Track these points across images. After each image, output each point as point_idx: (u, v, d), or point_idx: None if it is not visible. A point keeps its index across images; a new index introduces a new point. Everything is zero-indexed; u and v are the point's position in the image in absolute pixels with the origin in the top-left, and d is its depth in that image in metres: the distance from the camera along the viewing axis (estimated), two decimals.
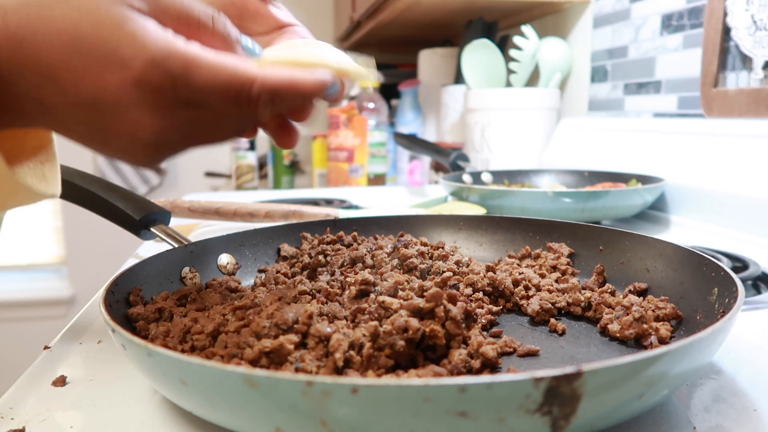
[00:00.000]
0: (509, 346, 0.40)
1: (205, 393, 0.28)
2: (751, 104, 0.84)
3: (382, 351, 0.33)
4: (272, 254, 0.58)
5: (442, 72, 1.71)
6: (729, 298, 0.37)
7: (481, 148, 1.30)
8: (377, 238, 0.58)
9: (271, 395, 0.25)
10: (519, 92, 1.25)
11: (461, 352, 0.35)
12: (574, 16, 1.32)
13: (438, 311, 0.35)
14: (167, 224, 0.55)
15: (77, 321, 0.50)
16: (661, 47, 1.06)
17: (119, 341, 0.32)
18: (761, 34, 0.83)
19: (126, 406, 0.35)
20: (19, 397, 0.36)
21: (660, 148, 0.95)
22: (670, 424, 0.32)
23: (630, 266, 0.50)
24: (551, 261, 0.53)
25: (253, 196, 1.22)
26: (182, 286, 0.49)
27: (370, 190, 1.36)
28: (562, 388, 0.24)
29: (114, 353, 0.43)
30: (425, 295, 0.36)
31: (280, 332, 0.35)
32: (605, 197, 0.79)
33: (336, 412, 0.25)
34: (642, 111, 1.12)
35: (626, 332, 0.40)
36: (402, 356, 0.34)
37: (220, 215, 0.78)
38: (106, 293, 0.39)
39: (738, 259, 0.63)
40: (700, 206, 0.84)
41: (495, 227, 0.60)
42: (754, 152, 0.78)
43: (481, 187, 0.86)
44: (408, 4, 1.34)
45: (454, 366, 0.34)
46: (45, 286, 2.48)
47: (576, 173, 1.05)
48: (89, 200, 0.56)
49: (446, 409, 0.24)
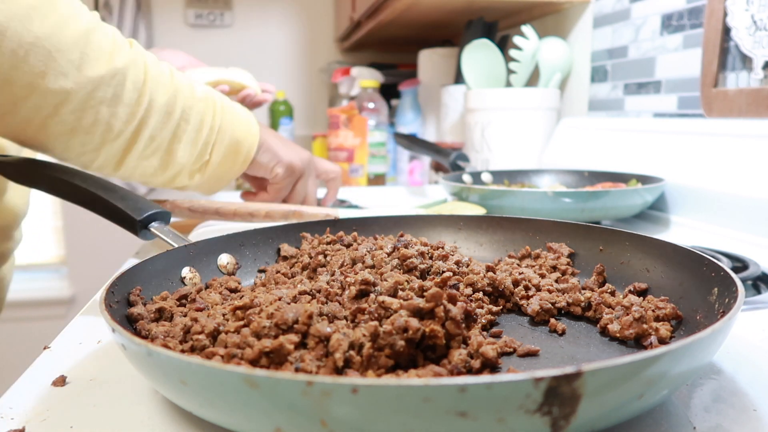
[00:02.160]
0: (509, 346, 0.40)
1: (205, 393, 0.28)
2: (751, 104, 0.84)
3: (382, 351, 0.33)
4: (272, 254, 0.58)
5: (442, 72, 1.71)
6: (729, 298, 0.37)
7: (481, 148, 1.30)
8: (377, 238, 0.58)
9: (271, 395, 0.25)
10: (519, 92, 1.25)
11: (461, 352, 0.35)
12: (574, 16, 1.32)
13: (438, 311, 0.35)
14: (167, 224, 0.55)
15: (77, 321, 0.50)
16: (661, 47, 1.06)
17: (119, 341, 0.32)
18: (761, 34, 0.83)
19: (126, 406, 0.35)
20: (19, 397, 0.36)
21: (660, 148, 0.95)
22: (670, 424, 0.32)
23: (630, 266, 0.50)
24: (551, 261, 0.53)
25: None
26: (182, 286, 0.49)
27: (370, 190, 1.36)
28: (562, 388, 0.24)
29: (114, 353, 0.43)
30: (425, 295, 0.36)
31: (280, 332, 0.35)
32: (605, 197, 0.79)
33: (336, 412, 0.25)
34: (642, 111, 1.12)
35: (626, 332, 0.40)
36: (402, 356, 0.34)
37: (220, 215, 0.78)
38: (106, 293, 0.39)
39: (738, 259, 0.63)
40: (700, 206, 0.84)
41: (495, 227, 0.60)
42: (754, 152, 0.78)
43: (481, 187, 0.86)
44: (408, 4, 1.34)
45: (454, 366, 0.34)
46: (45, 286, 2.48)
47: (576, 173, 1.05)
48: (89, 200, 0.56)
49: (446, 409, 0.24)
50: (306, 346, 0.34)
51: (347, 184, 1.50)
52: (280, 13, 2.27)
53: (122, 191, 0.56)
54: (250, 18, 2.26)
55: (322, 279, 0.48)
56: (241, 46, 2.24)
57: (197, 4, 2.20)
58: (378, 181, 1.54)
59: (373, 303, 0.40)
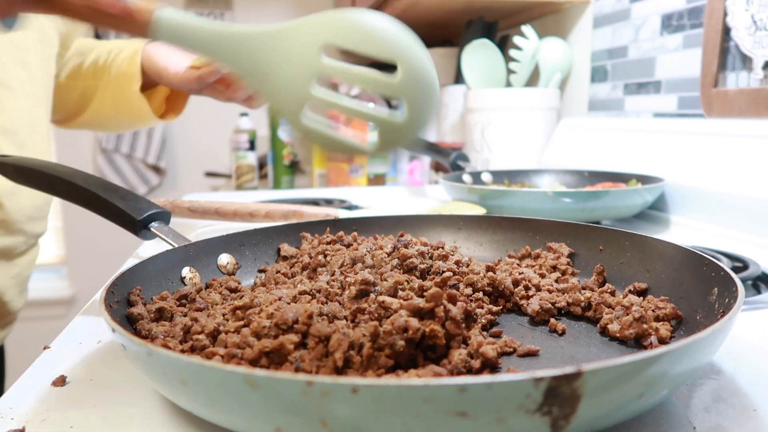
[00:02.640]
0: (509, 346, 0.40)
1: (205, 393, 0.28)
2: (751, 104, 0.84)
3: (382, 351, 0.33)
4: (272, 254, 0.58)
5: (442, 72, 1.71)
6: (729, 298, 0.37)
7: (481, 148, 1.30)
8: (377, 238, 0.58)
9: (271, 395, 0.25)
10: (519, 92, 1.25)
11: (461, 352, 0.35)
12: (574, 16, 1.32)
13: (438, 311, 0.35)
14: (167, 224, 0.55)
15: (77, 321, 0.50)
16: (661, 47, 1.06)
17: (119, 341, 0.32)
18: (761, 34, 0.83)
19: (126, 406, 0.35)
20: (19, 397, 0.36)
21: (660, 148, 0.95)
22: (670, 424, 0.32)
23: (630, 266, 0.50)
24: (551, 261, 0.53)
25: (253, 196, 1.22)
26: (182, 286, 0.49)
27: (370, 190, 1.36)
28: (562, 388, 0.24)
29: (114, 353, 0.43)
30: (425, 296, 0.36)
31: (280, 332, 0.35)
32: (605, 197, 0.79)
33: (336, 412, 0.25)
34: (642, 111, 1.12)
35: (626, 332, 0.40)
36: (402, 356, 0.34)
37: (220, 215, 0.78)
38: (106, 293, 0.39)
39: (738, 259, 0.63)
40: (700, 206, 0.84)
41: (495, 227, 0.60)
42: (754, 152, 0.78)
43: (481, 187, 0.86)
44: (408, 4, 1.34)
45: (454, 366, 0.34)
46: (45, 286, 2.48)
47: (576, 173, 1.05)
48: (89, 200, 0.56)
49: (446, 409, 0.24)
50: (306, 346, 0.34)
51: (347, 184, 1.50)
52: (280, 12, 2.27)
53: (122, 191, 0.56)
54: (250, 18, 2.26)
55: (322, 279, 0.49)
56: None
57: (197, 4, 2.20)
58: (378, 181, 1.53)
59: (373, 303, 0.40)
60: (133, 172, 2.37)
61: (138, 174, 2.37)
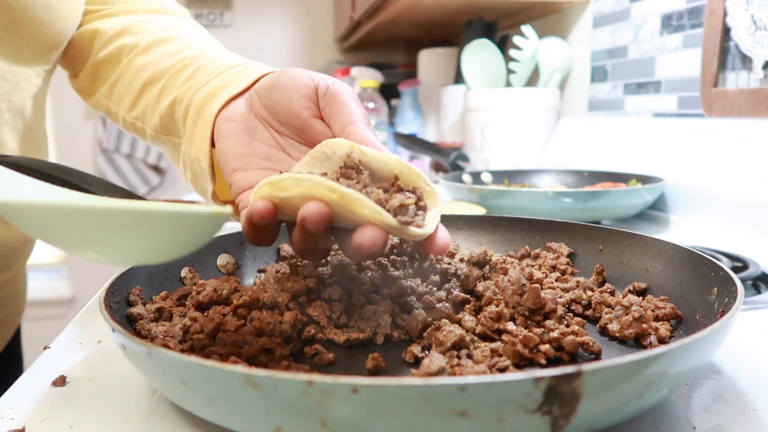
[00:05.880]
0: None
1: (205, 393, 0.28)
2: (750, 104, 0.85)
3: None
4: (272, 254, 0.58)
5: (442, 72, 1.71)
6: (728, 298, 0.37)
7: (481, 148, 1.30)
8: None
9: (271, 395, 0.25)
10: (519, 92, 1.25)
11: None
12: (574, 16, 1.32)
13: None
14: None
15: (77, 321, 0.50)
16: (661, 47, 1.06)
17: (119, 341, 0.32)
18: (761, 34, 0.83)
19: (126, 406, 0.35)
20: (19, 397, 0.36)
21: (660, 148, 0.95)
22: (669, 424, 0.32)
23: (629, 266, 0.50)
24: (551, 261, 0.53)
25: None
26: (182, 286, 0.49)
27: None
28: (562, 387, 0.24)
29: (114, 353, 0.43)
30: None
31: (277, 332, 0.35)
32: (605, 197, 0.79)
33: (336, 412, 0.25)
34: (642, 111, 1.12)
35: (626, 332, 0.40)
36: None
37: None
38: (106, 293, 0.39)
39: (738, 259, 0.63)
40: (700, 206, 0.84)
41: (495, 227, 0.60)
42: (754, 152, 0.78)
43: (481, 187, 0.86)
44: (408, 4, 1.34)
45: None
46: (45, 286, 2.48)
47: (576, 173, 1.05)
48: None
49: (446, 409, 0.24)
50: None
51: None
52: (279, 13, 2.27)
53: (122, 191, 0.56)
54: (250, 18, 2.26)
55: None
56: (241, 45, 2.24)
57: (197, 4, 2.20)
58: None
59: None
60: (134, 172, 2.37)
61: (138, 174, 2.37)
